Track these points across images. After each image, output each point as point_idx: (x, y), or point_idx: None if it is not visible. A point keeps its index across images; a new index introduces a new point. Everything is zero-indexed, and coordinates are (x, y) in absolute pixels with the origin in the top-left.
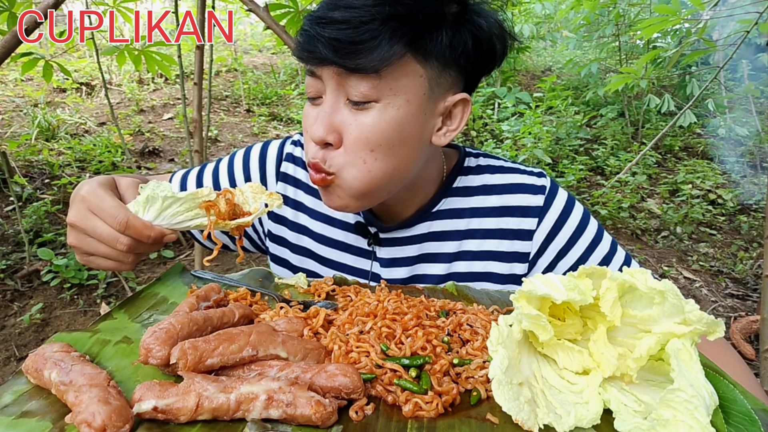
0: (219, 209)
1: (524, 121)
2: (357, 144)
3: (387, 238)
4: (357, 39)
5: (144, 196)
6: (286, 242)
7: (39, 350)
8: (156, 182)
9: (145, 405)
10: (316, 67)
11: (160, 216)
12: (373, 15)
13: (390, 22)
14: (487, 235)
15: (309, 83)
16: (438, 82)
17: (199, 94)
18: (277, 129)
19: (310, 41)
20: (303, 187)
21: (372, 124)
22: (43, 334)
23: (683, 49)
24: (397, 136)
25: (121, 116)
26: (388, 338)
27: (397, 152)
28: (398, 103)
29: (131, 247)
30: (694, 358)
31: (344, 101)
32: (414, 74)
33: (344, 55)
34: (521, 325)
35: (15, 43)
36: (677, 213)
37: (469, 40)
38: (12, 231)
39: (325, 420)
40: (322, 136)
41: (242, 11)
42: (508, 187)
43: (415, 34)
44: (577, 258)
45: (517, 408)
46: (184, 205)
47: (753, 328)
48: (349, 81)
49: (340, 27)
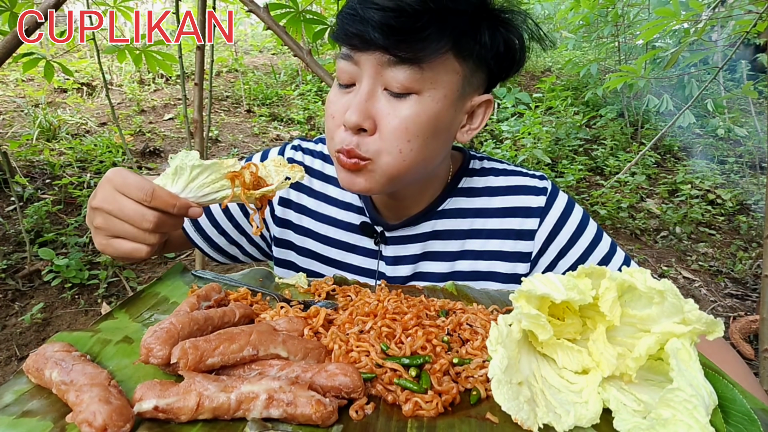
0: (244, 180)
1: (524, 121)
2: (395, 133)
3: (393, 237)
4: (410, 27)
5: (173, 168)
6: (291, 245)
7: (40, 350)
8: (184, 152)
9: (145, 404)
10: (355, 52)
11: (187, 188)
12: (426, 6)
13: (440, 15)
14: (491, 235)
15: (343, 68)
16: (470, 81)
17: (200, 95)
18: (277, 129)
19: (359, 22)
20: (306, 190)
21: (411, 115)
22: (44, 334)
23: (682, 49)
24: (432, 129)
25: (122, 116)
26: (388, 338)
27: (430, 144)
28: (437, 96)
29: (157, 224)
30: (694, 357)
31: (381, 89)
32: (452, 70)
33: (395, 42)
34: (521, 324)
35: (16, 43)
36: (676, 213)
37: (501, 43)
38: (13, 231)
39: (325, 419)
40: (359, 122)
41: (242, 12)
42: (511, 189)
43: (461, 29)
44: (577, 257)
45: (517, 407)
46: (211, 176)
47: (752, 328)
48: (391, 70)
49: (394, 13)
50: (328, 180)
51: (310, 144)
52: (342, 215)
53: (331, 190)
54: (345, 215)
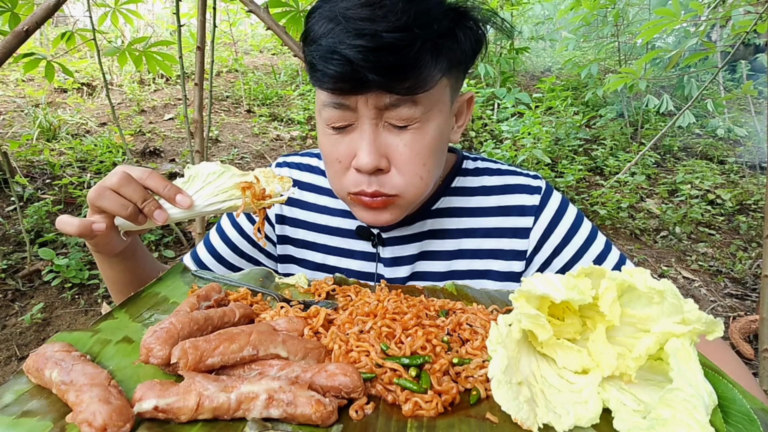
0: (255, 190)
1: (524, 121)
2: (411, 163)
3: (389, 238)
4: (407, 61)
5: (187, 176)
6: (292, 259)
7: (40, 350)
8: (205, 163)
9: (145, 404)
10: (347, 96)
11: (198, 194)
12: (413, 33)
13: (428, 37)
14: (487, 234)
15: (335, 115)
16: (455, 87)
17: (200, 95)
18: (277, 129)
19: (347, 64)
20: (298, 204)
21: (419, 141)
22: (44, 334)
23: (682, 51)
24: (439, 145)
25: (122, 116)
26: (388, 338)
27: (440, 157)
28: (434, 115)
29: (140, 198)
30: (693, 357)
31: (382, 124)
32: (443, 86)
33: (395, 79)
34: (520, 324)
35: (16, 43)
36: (676, 213)
37: (474, 42)
38: (13, 231)
39: (325, 419)
40: (375, 164)
41: (243, 12)
42: (506, 188)
43: (450, 46)
44: (572, 255)
45: (517, 407)
46: (222, 185)
47: (752, 328)
48: (392, 105)
49: (387, 50)
50: (319, 191)
51: (295, 158)
52: (337, 222)
53: (323, 200)
54: (340, 222)
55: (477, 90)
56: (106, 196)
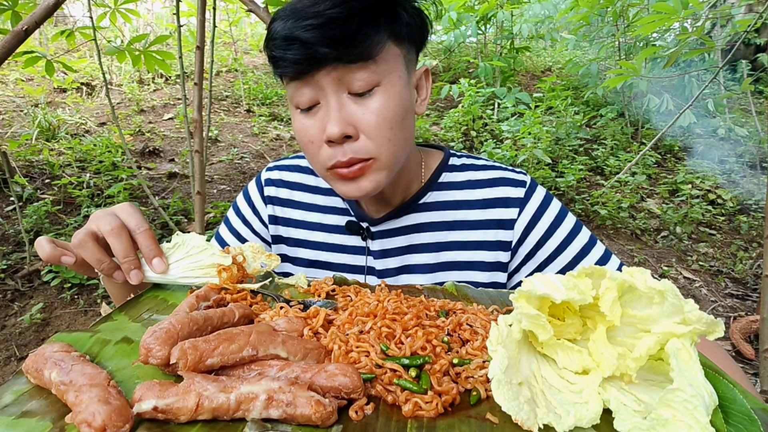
0: (232, 273)
1: (524, 121)
2: (378, 127)
3: (378, 231)
4: (351, 31)
5: (173, 243)
6: (285, 257)
7: (39, 350)
8: (193, 234)
9: (145, 405)
10: (307, 75)
11: (177, 263)
12: (353, 7)
13: (368, 12)
14: (473, 226)
15: (301, 94)
16: (409, 59)
17: (200, 94)
18: (277, 129)
19: (301, 47)
20: (289, 203)
21: (384, 105)
22: (44, 334)
23: (681, 49)
24: (403, 110)
25: (121, 116)
26: (388, 338)
27: (407, 123)
28: (393, 80)
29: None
30: (694, 357)
31: (346, 96)
32: (395, 54)
33: (345, 50)
34: (521, 324)
35: (16, 42)
36: (677, 213)
37: (417, 19)
38: (12, 231)
39: (324, 420)
40: (343, 131)
41: (242, 11)
42: (491, 181)
43: (389, 16)
44: (555, 247)
45: (517, 407)
46: (199, 262)
47: (752, 328)
48: (349, 74)
49: (332, 25)
50: (309, 189)
51: (284, 161)
52: (328, 219)
53: (313, 198)
54: (330, 219)
55: (477, 90)
56: (87, 247)
